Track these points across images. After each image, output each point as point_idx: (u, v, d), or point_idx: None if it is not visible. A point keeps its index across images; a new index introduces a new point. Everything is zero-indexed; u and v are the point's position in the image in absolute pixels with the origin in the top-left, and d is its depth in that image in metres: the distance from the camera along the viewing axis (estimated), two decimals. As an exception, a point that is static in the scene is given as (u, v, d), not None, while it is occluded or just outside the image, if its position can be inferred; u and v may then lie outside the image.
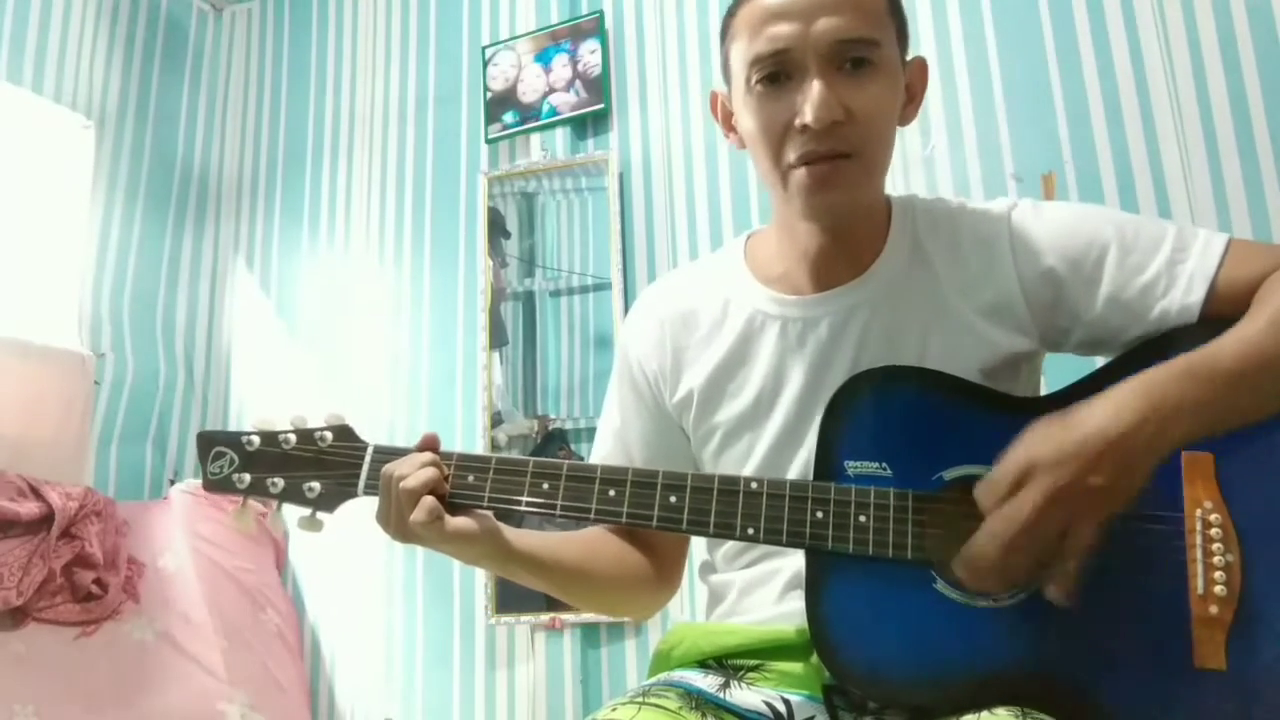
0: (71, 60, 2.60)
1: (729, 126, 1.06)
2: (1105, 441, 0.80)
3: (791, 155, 0.95)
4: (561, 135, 2.49)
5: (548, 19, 2.58)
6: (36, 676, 1.97)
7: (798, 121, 0.93)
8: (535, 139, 2.53)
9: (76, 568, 2.12)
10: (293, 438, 0.99)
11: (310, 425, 1.00)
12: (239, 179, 2.98)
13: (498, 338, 2.47)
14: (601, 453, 1.14)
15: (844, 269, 1.01)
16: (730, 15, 1.00)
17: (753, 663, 0.97)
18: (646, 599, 1.13)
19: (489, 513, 0.97)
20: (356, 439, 0.99)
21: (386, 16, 2.84)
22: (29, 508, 2.08)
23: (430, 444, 0.98)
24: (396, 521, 0.93)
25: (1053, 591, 0.81)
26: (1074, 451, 0.80)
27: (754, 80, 0.96)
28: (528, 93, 2.53)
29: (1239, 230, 1.80)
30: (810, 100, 0.92)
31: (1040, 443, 0.81)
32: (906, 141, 2.13)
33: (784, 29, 0.93)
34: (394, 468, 0.94)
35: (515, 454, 2.39)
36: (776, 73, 0.94)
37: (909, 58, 1.02)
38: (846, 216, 0.99)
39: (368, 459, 0.98)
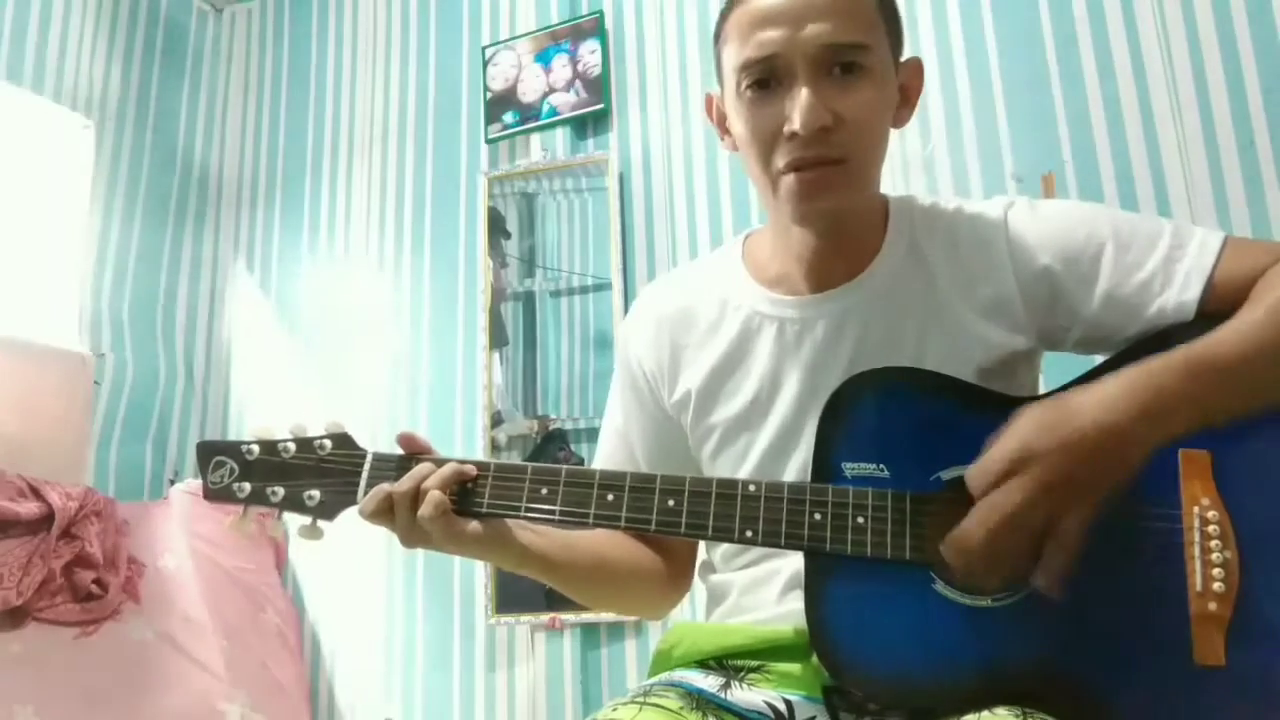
0: (71, 60, 2.60)
1: (724, 129, 1.05)
2: (1101, 434, 0.80)
3: (781, 161, 0.94)
4: (561, 135, 2.49)
5: (548, 19, 2.58)
6: (36, 676, 1.97)
7: (786, 128, 0.92)
8: (535, 139, 2.53)
9: (76, 568, 2.12)
10: (292, 446, 0.99)
11: (310, 433, 1.00)
12: (239, 178, 2.98)
13: (498, 338, 2.47)
14: (605, 452, 1.14)
15: (840, 270, 1.01)
16: (723, 18, 1.00)
17: (753, 663, 0.97)
18: (659, 597, 1.13)
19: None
20: (355, 447, 0.99)
21: (386, 16, 2.84)
22: (29, 508, 2.08)
23: (421, 449, 0.98)
24: (404, 520, 0.93)
25: (1041, 581, 0.80)
26: (1069, 444, 0.79)
27: (744, 85, 0.96)
28: (528, 93, 2.53)
29: (1239, 230, 1.79)
30: (798, 107, 0.91)
31: (1035, 431, 0.81)
32: (906, 142, 2.13)
33: (772, 34, 0.93)
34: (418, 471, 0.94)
35: (515, 454, 2.40)
36: (765, 78, 0.94)
37: (903, 59, 1.01)
38: (837, 221, 0.99)
39: (367, 467, 0.97)
